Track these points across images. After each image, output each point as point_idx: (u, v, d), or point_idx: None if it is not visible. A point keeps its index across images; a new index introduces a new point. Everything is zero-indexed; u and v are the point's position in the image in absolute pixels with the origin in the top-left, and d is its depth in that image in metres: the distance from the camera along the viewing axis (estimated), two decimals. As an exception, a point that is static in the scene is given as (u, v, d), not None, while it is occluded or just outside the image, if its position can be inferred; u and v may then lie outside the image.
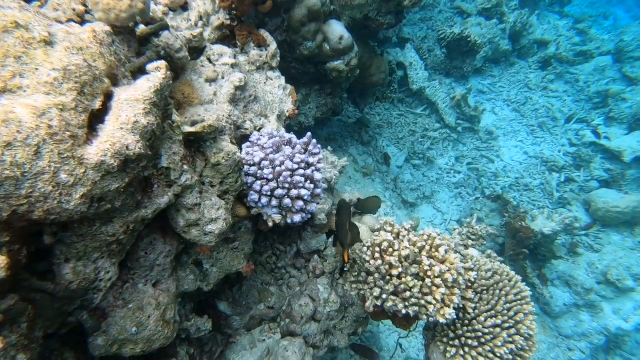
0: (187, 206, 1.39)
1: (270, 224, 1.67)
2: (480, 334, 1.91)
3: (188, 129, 1.41)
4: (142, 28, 1.45)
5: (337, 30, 2.95)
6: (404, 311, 1.82)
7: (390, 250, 1.94)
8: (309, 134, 1.78)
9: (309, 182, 1.66)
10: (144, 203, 1.26)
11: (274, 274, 2.26)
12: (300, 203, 1.62)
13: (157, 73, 1.29)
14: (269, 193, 1.60)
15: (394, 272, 1.88)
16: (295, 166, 1.63)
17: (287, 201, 1.60)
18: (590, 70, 6.53)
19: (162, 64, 1.30)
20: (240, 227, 1.76)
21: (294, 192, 1.60)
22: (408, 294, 1.83)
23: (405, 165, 5.33)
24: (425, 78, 5.64)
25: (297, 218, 1.64)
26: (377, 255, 1.95)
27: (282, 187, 1.61)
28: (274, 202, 1.61)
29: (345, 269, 2.07)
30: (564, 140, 5.95)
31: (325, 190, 2.31)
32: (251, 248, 1.82)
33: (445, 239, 2.06)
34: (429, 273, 1.86)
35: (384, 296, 1.86)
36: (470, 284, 2.04)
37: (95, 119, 1.15)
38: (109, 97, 1.21)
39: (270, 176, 1.60)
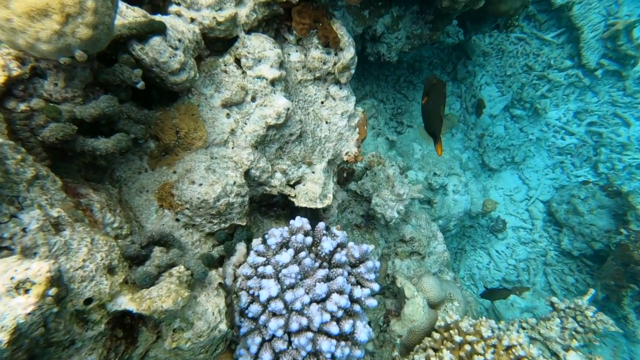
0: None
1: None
2: None
3: (125, 304, 0.68)
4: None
5: None
6: None
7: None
8: (366, 247, 0.94)
9: (343, 343, 0.92)
10: None
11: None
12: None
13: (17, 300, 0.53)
14: None
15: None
16: (327, 317, 0.88)
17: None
18: None
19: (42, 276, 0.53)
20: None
21: (313, 365, 0.89)
22: None
23: (502, 114, 4.01)
24: (581, -15, 3.71)
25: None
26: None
27: (294, 358, 0.90)
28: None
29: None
30: None
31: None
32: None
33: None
34: None
35: None
36: None
37: None
38: None
39: (280, 332, 0.88)
